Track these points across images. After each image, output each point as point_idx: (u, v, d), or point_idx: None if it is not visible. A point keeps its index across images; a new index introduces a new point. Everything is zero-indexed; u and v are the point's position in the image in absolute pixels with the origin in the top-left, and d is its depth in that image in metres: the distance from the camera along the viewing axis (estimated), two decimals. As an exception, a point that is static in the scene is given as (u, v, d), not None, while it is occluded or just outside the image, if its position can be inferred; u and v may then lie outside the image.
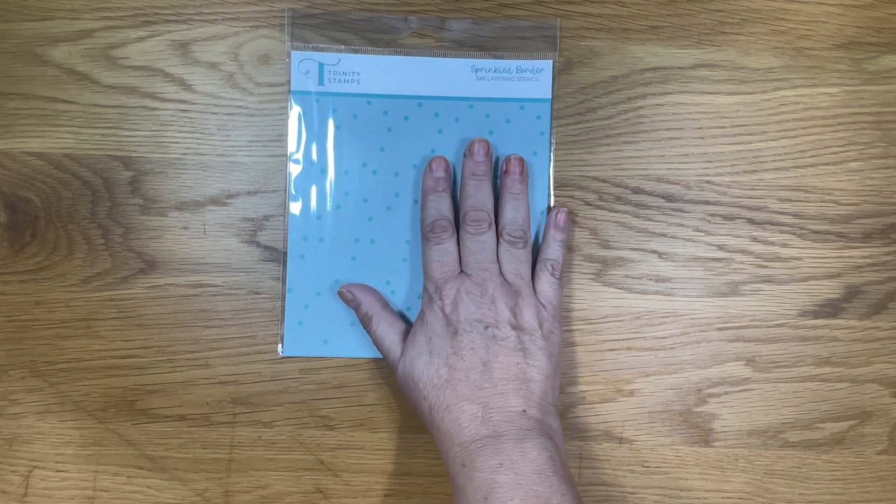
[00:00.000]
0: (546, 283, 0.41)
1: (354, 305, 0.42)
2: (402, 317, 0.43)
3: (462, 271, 0.40)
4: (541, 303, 0.40)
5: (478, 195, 0.41)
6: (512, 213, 0.41)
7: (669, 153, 0.44)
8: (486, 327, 0.39)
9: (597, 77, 0.44)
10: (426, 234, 0.41)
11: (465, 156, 0.42)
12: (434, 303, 0.40)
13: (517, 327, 0.39)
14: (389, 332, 0.41)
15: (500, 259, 0.41)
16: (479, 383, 0.38)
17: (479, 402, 0.37)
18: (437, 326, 0.39)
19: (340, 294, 0.42)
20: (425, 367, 0.39)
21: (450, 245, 0.41)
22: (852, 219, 0.44)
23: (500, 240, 0.41)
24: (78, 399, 0.44)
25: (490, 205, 0.41)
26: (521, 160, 0.42)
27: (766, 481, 0.44)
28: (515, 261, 0.40)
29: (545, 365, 0.39)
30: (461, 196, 0.42)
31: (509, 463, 0.35)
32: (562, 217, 0.42)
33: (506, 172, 0.42)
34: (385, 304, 0.42)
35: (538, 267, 0.41)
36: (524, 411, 0.37)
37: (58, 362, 0.44)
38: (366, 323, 0.42)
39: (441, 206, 0.41)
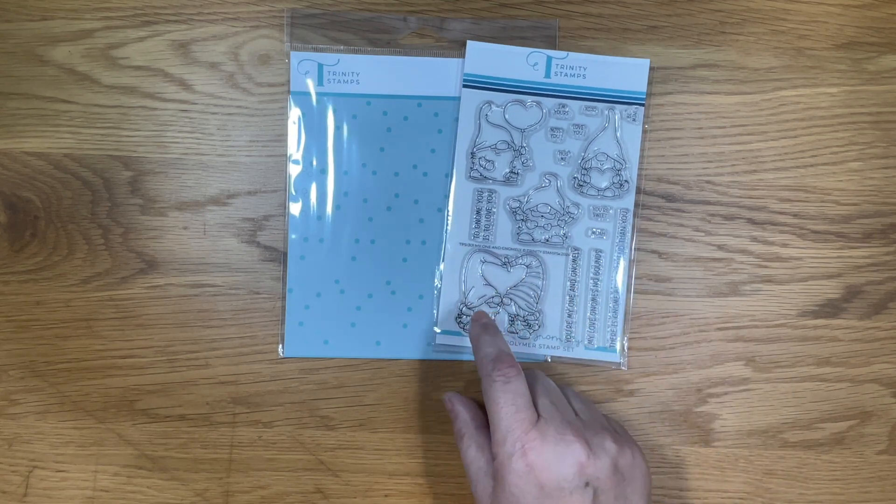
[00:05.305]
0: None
1: (452, 417, 0.39)
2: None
3: (541, 416, 0.36)
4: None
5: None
6: None
7: (669, 153, 0.44)
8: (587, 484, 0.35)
9: (597, 77, 0.44)
10: (489, 373, 0.37)
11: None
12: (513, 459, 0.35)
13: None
14: (477, 458, 0.37)
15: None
16: None
17: None
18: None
19: (444, 400, 0.40)
20: None
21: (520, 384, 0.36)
22: (852, 219, 0.44)
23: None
24: (78, 399, 0.44)
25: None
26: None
27: (766, 481, 0.44)
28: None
29: None
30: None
31: None
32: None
33: None
34: (480, 425, 0.38)
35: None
36: None
37: (58, 362, 0.44)
38: (458, 439, 0.38)
39: (498, 341, 0.38)
